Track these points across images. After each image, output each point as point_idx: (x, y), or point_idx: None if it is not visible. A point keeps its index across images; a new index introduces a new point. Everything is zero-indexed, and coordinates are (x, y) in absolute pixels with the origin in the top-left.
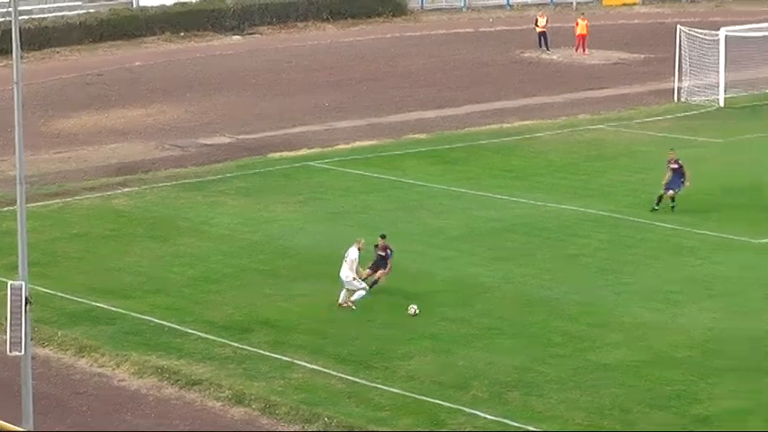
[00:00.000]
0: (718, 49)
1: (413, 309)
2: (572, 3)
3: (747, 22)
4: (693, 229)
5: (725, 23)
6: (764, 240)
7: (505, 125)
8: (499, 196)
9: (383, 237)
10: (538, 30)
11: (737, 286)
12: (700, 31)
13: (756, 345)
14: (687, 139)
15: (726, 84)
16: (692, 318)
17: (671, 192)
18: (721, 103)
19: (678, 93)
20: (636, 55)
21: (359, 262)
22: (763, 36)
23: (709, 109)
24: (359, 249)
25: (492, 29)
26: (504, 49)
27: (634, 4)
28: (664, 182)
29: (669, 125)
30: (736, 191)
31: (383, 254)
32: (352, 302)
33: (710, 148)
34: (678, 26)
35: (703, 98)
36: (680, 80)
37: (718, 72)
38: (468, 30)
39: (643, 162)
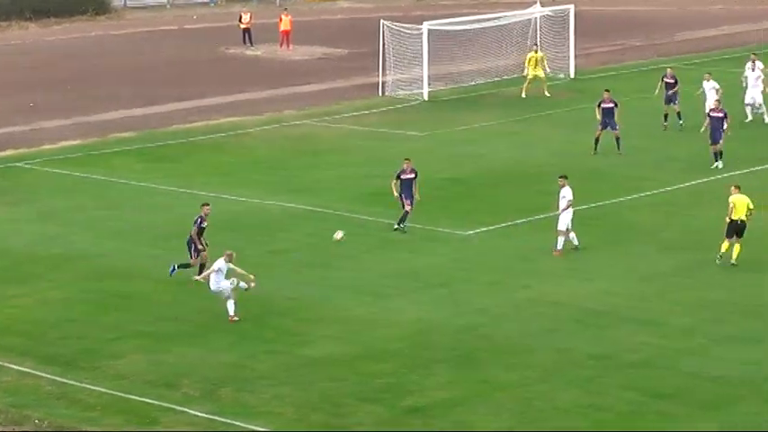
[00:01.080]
0: (421, 42)
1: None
2: None
3: (449, 15)
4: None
5: (428, 17)
6: (470, 232)
7: (212, 122)
8: (206, 193)
9: (206, 204)
10: (242, 26)
11: (444, 278)
12: (402, 25)
13: (463, 336)
14: (393, 133)
15: (429, 77)
16: (401, 310)
17: (410, 205)
18: (425, 97)
19: (383, 87)
20: (340, 50)
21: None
22: (465, 29)
23: (413, 103)
24: (228, 262)
25: (196, 26)
26: (208, 45)
27: None
28: (396, 196)
29: (375, 119)
30: (442, 184)
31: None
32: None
33: (416, 142)
34: (381, 20)
35: (408, 92)
36: (384, 74)
37: (421, 66)
38: (172, 27)
39: (350, 156)
